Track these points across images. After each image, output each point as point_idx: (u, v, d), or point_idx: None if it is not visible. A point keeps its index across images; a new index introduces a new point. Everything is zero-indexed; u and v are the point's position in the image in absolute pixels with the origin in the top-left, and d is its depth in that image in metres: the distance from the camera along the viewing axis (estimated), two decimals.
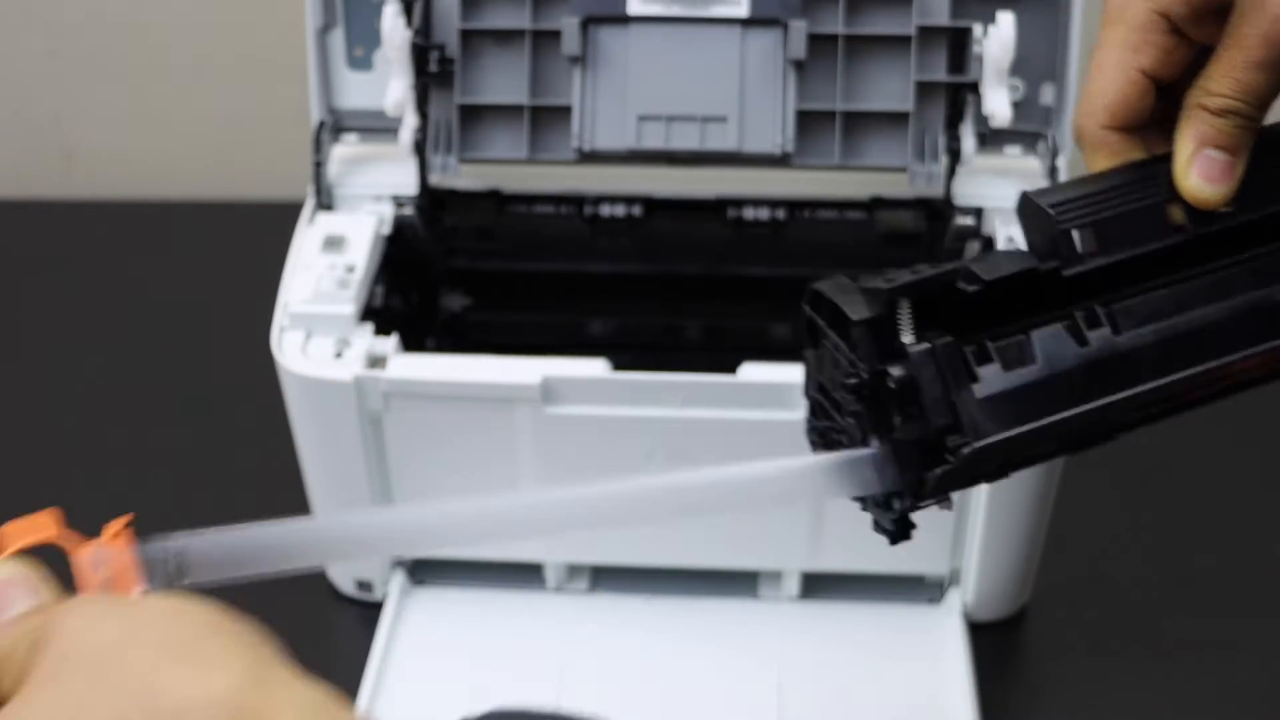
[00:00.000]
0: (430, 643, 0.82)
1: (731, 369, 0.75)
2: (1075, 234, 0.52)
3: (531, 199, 0.88)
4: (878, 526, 0.53)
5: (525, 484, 0.79)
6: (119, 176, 1.25)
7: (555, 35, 0.81)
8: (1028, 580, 0.84)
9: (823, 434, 0.55)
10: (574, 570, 0.86)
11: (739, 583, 0.85)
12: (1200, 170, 0.52)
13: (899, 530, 0.53)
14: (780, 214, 0.87)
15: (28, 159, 1.26)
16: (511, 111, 0.82)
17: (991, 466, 0.51)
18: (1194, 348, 0.52)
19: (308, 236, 0.82)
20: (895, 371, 0.49)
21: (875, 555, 0.82)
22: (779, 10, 0.80)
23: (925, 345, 0.49)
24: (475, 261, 0.90)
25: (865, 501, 0.53)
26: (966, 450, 0.49)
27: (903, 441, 0.50)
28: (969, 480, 0.51)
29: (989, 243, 0.83)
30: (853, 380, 0.50)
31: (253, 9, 1.18)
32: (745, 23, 0.81)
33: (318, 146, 0.84)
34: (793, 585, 0.84)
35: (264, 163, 1.21)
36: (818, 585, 0.84)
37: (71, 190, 1.25)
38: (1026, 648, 0.84)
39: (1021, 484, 0.77)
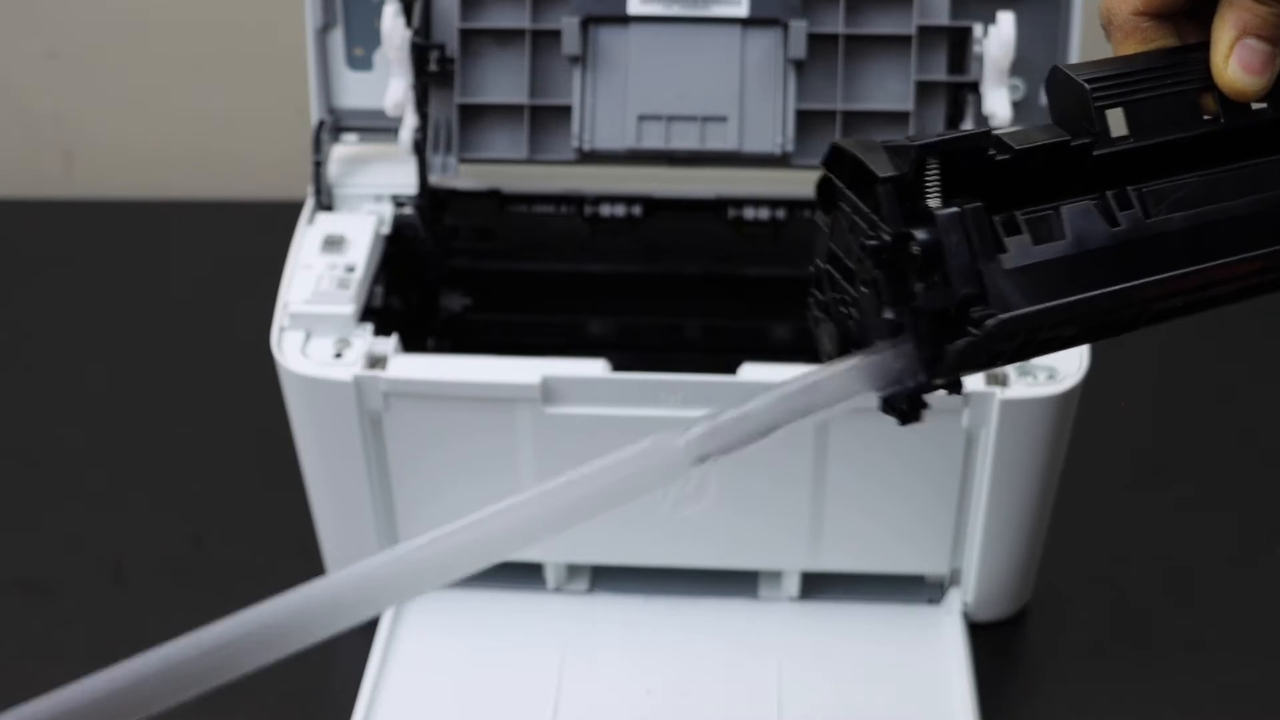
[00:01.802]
0: (430, 643, 0.82)
1: (731, 369, 0.75)
2: (1105, 114, 0.50)
3: (531, 199, 0.88)
4: (886, 406, 0.50)
5: (525, 483, 0.79)
6: (119, 176, 1.25)
7: (555, 35, 0.81)
8: (1028, 580, 0.84)
9: (827, 306, 0.52)
10: (574, 570, 0.86)
11: (739, 583, 0.85)
12: (1239, 59, 0.50)
13: (911, 409, 0.50)
14: (780, 214, 0.87)
15: (28, 158, 1.26)
16: (511, 111, 0.82)
17: (1012, 345, 0.49)
18: (1223, 238, 0.50)
19: (307, 236, 0.82)
20: (920, 235, 0.47)
21: (875, 555, 0.82)
22: (779, 10, 0.80)
23: (953, 209, 0.47)
24: (475, 261, 0.90)
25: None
26: (992, 322, 0.46)
27: (922, 311, 0.47)
28: (988, 358, 0.49)
29: None
30: (873, 243, 0.48)
31: (253, 9, 1.18)
32: (745, 23, 0.81)
33: (317, 146, 0.84)
34: (793, 585, 0.84)
35: (264, 163, 1.21)
36: (818, 585, 0.84)
37: (71, 190, 1.25)
38: (1026, 648, 0.84)
39: (1022, 484, 0.77)
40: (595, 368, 0.76)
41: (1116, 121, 0.51)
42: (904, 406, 0.50)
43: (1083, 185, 0.49)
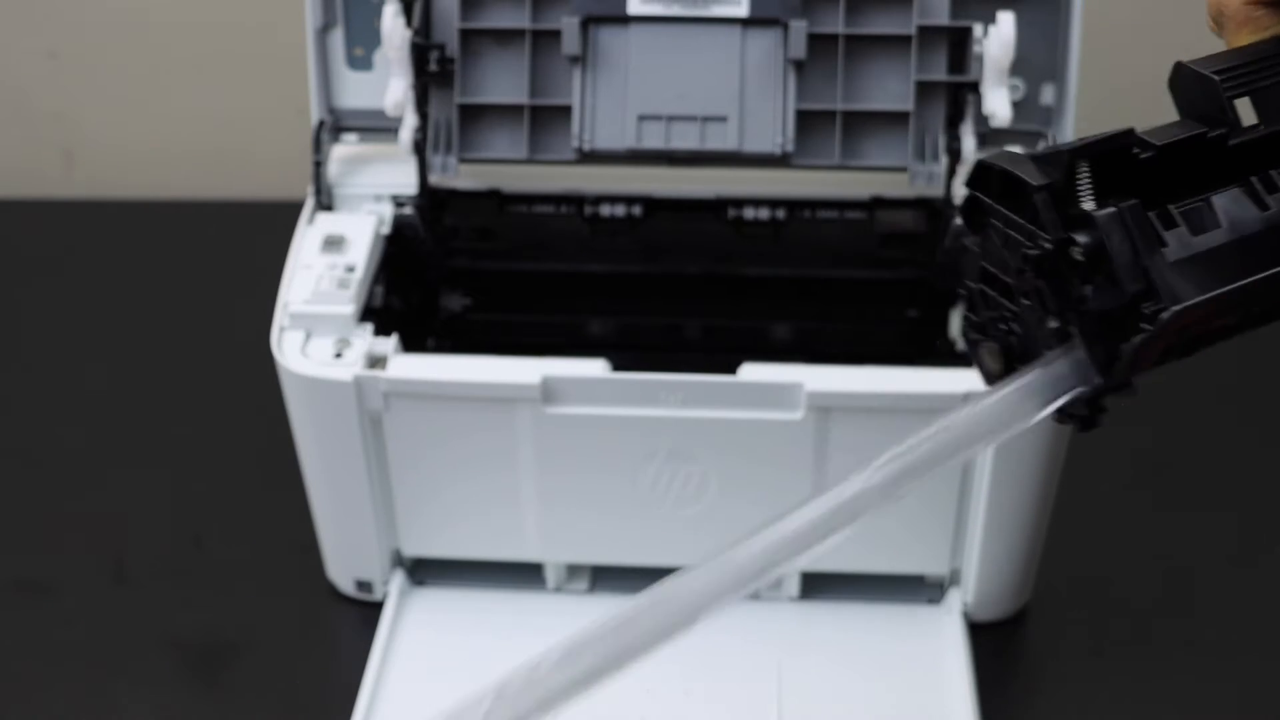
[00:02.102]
0: (430, 643, 0.82)
1: (731, 369, 0.75)
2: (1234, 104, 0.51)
3: (531, 199, 0.88)
4: (1062, 415, 0.51)
5: (525, 483, 0.79)
6: (119, 176, 1.25)
7: (555, 35, 0.81)
8: (1028, 580, 0.84)
9: (984, 327, 0.53)
10: (574, 570, 0.86)
11: None
12: None
13: (1091, 415, 0.51)
14: (780, 214, 0.87)
15: (28, 158, 1.26)
16: (511, 111, 0.82)
17: (1183, 338, 0.49)
18: None
19: (307, 236, 0.82)
20: (1082, 238, 0.47)
21: (875, 555, 0.82)
22: (779, 10, 0.80)
23: (1111, 209, 0.47)
24: (475, 261, 0.90)
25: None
26: (1166, 315, 0.47)
27: (1092, 314, 0.48)
28: (1162, 354, 0.50)
29: None
30: (1034, 252, 0.48)
31: (253, 9, 1.18)
32: (745, 23, 0.81)
33: (317, 146, 0.84)
34: (793, 585, 0.84)
35: (264, 163, 1.21)
36: (818, 585, 0.84)
37: (71, 190, 1.25)
38: (1026, 648, 0.84)
39: (1022, 484, 0.77)
40: (595, 368, 0.76)
41: (1244, 110, 0.52)
42: (1083, 413, 0.51)
43: (1221, 175, 0.50)
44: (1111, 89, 1.07)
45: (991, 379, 0.54)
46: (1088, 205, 0.48)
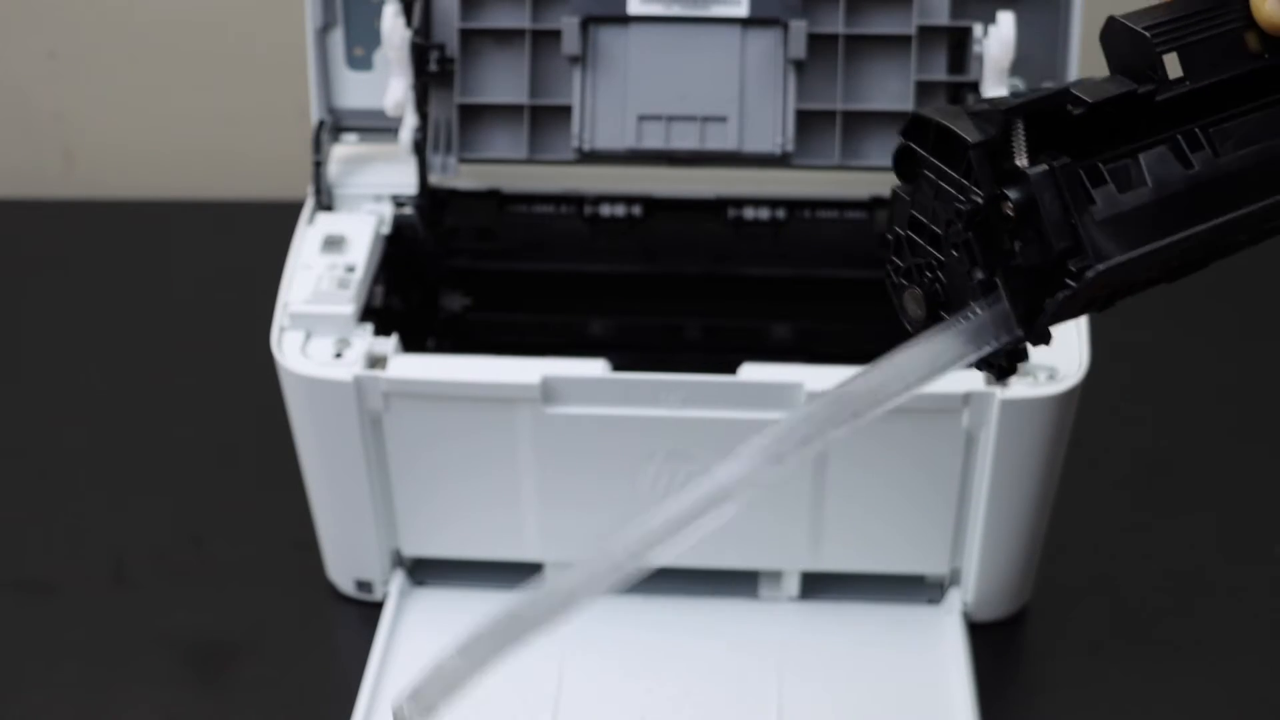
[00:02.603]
0: (430, 643, 0.82)
1: (731, 369, 0.75)
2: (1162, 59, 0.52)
3: (531, 199, 0.88)
4: (982, 364, 0.52)
5: (525, 483, 0.79)
6: (119, 176, 1.25)
7: (555, 35, 0.81)
8: (1028, 580, 0.84)
9: (909, 272, 0.54)
10: None
11: (739, 583, 0.85)
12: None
13: (1008, 365, 0.52)
14: (780, 214, 0.87)
15: (28, 158, 1.26)
16: (511, 111, 0.82)
17: (1104, 293, 0.50)
18: None
19: (307, 236, 0.82)
20: (1014, 195, 0.48)
21: (875, 555, 0.82)
22: (779, 10, 0.80)
23: (1043, 167, 0.48)
24: (475, 261, 0.90)
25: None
26: (1091, 273, 0.48)
27: (1019, 269, 0.49)
28: (1083, 307, 0.51)
29: None
30: (965, 207, 0.49)
31: (253, 9, 1.18)
32: (745, 22, 0.81)
33: (317, 146, 0.84)
34: (793, 585, 0.84)
35: (264, 163, 1.21)
36: (818, 585, 0.84)
37: (71, 190, 1.25)
38: (1026, 648, 0.84)
39: (1022, 484, 0.77)
40: (595, 368, 0.76)
41: (1170, 66, 0.52)
42: (1002, 363, 0.52)
43: (1148, 131, 0.51)
44: None
45: (915, 326, 0.54)
46: (1020, 161, 0.49)
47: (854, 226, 0.87)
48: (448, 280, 0.91)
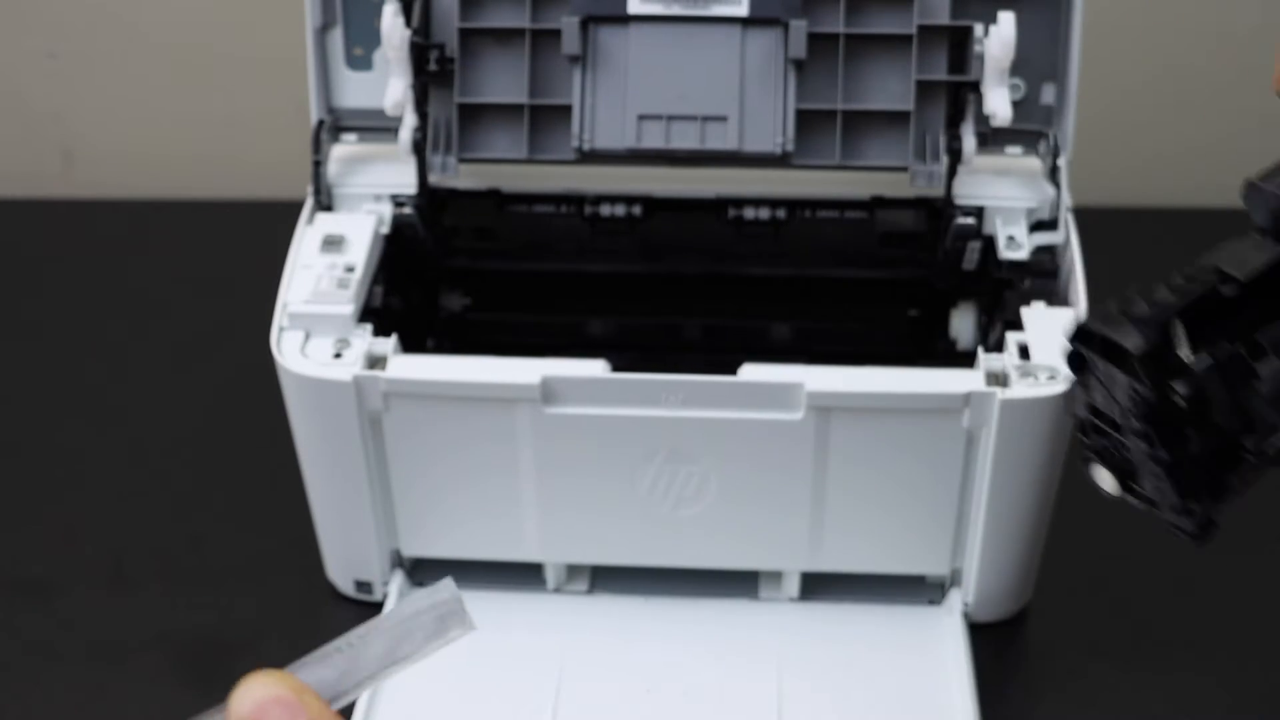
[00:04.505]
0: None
1: (731, 369, 0.75)
2: None
3: (531, 199, 0.88)
4: (1177, 529, 0.54)
5: (525, 484, 0.79)
6: (118, 176, 1.25)
7: (555, 34, 0.81)
8: (1029, 581, 0.84)
9: (1101, 452, 0.56)
10: (574, 570, 0.86)
11: (739, 583, 0.85)
12: None
13: (1203, 531, 0.54)
14: (780, 214, 0.87)
15: (27, 158, 1.26)
16: (511, 111, 0.82)
17: None
18: None
19: (307, 236, 0.82)
20: (1182, 390, 0.50)
21: (876, 556, 0.82)
22: (779, 10, 0.80)
23: (1209, 361, 0.51)
24: (475, 261, 0.90)
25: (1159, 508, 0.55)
26: (1271, 450, 0.51)
27: (1196, 455, 0.51)
28: (1263, 472, 0.53)
29: (990, 242, 0.83)
30: (1139, 402, 0.51)
31: (252, 9, 1.18)
32: (745, 22, 0.80)
33: (317, 146, 0.84)
34: (793, 585, 0.84)
35: (264, 163, 1.21)
36: (818, 585, 0.84)
37: (70, 189, 1.25)
38: (1027, 649, 0.84)
39: (1023, 484, 0.77)
40: (595, 368, 0.75)
41: None
42: (1195, 531, 0.55)
43: None
44: (1111, 89, 1.07)
45: (1110, 495, 0.58)
46: (1183, 353, 0.51)
47: (854, 226, 0.87)
48: (447, 280, 0.91)
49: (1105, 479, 0.58)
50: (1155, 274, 0.54)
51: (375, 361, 0.76)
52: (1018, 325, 0.77)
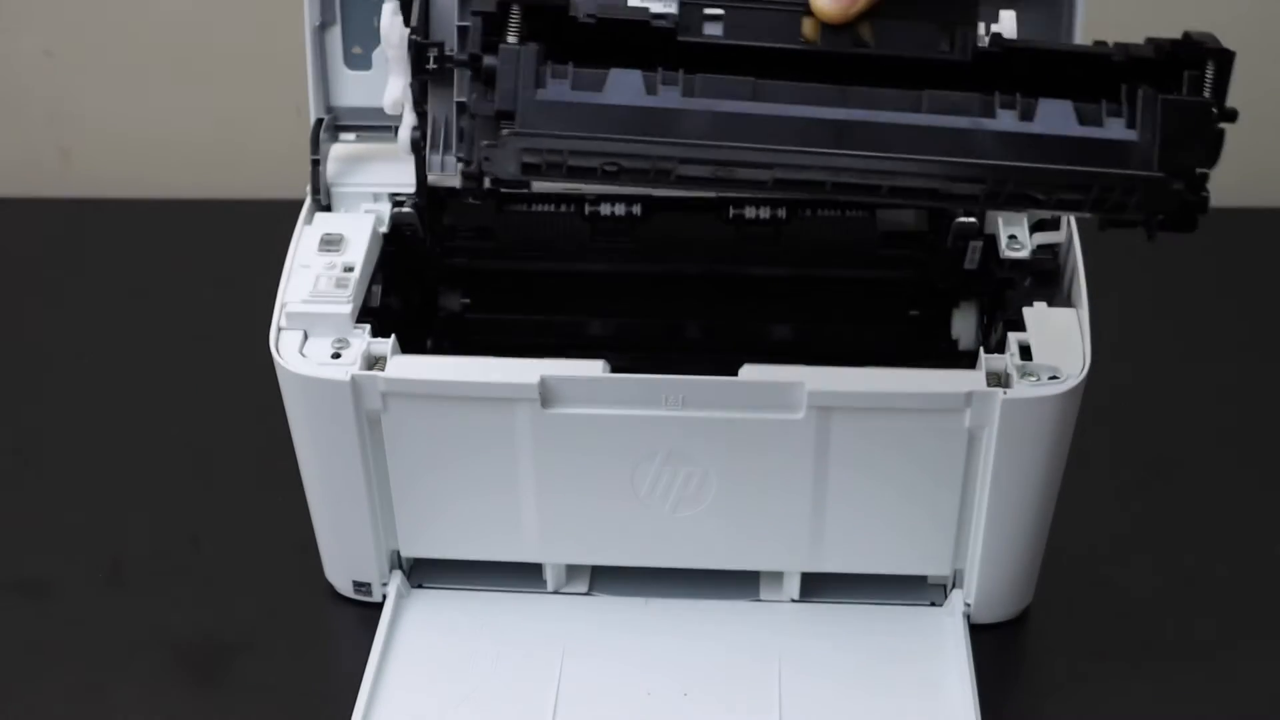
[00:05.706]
0: (428, 644, 0.82)
1: (731, 369, 0.75)
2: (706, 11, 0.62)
3: (531, 198, 0.87)
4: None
5: (524, 484, 0.79)
6: (116, 175, 1.25)
7: None
8: (1030, 582, 0.84)
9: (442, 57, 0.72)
10: (574, 571, 0.85)
11: (739, 583, 0.84)
12: None
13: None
14: (780, 213, 0.86)
15: (25, 157, 1.25)
16: None
17: (542, 160, 0.61)
18: (747, 130, 0.60)
19: (305, 236, 0.82)
20: (488, 60, 0.61)
21: (876, 556, 0.82)
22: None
23: (512, 45, 0.60)
24: (474, 261, 0.90)
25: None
26: (506, 132, 0.60)
27: (463, 107, 0.65)
28: (521, 165, 0.61)
29: (991, 241, 0.83)
30: (460, 57, 0.68)
31: (251, 7, 1.17)
32: None
33: (315, 145, 0.84)
34: (793, 586, 0.84)
35: (262, 161, 1.21)
36: (818, 586, 0.84)
37: (68, 188, 1.25)
38: (1028, 650, 0.84)
39: (1024, 485, 0.77)
40: (594, 368, 0.75)
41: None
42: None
43: (663, 64, 0.61)
44: None
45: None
46: (511, 39, 0.61)
47: (854, 226, 0.86)
48: (446, 280, 0.91)
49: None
50: (1155, 273, 0.54)
51: (374, 361, 0.76)
52: (1019, 325, 0.77)
